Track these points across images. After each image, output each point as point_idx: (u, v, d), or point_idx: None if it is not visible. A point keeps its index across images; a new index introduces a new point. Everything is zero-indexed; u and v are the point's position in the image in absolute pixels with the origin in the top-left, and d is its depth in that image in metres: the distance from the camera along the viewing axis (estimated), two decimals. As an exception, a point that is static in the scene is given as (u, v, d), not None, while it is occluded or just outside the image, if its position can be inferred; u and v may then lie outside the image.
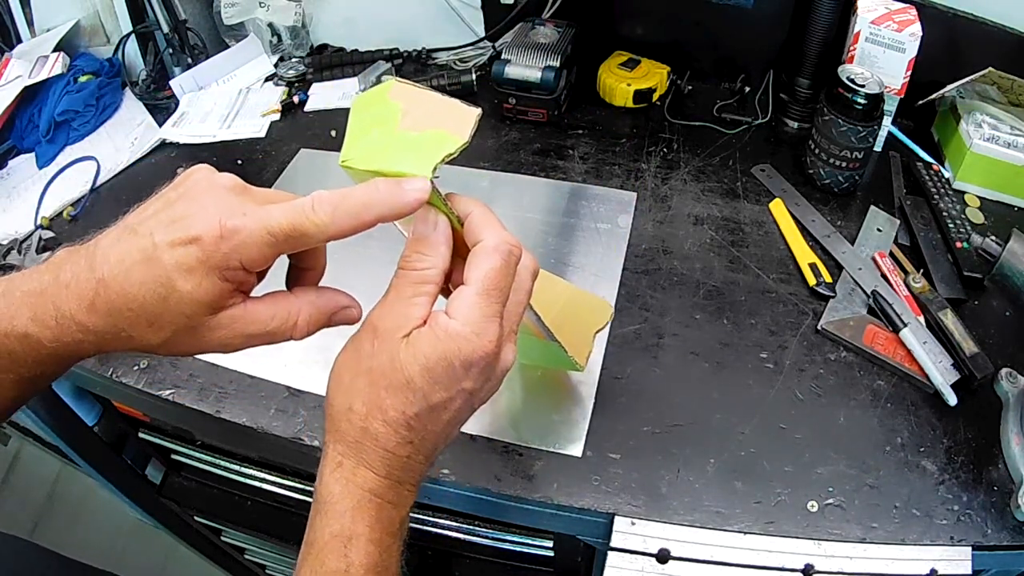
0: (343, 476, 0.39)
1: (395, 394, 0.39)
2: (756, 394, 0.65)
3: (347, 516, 0.38)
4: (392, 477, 0.40)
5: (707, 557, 0.56)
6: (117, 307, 0.37)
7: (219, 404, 0.67)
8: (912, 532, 0.56)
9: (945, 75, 0.84)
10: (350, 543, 0.38)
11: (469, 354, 0.38)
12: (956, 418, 0.63)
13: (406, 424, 0.39)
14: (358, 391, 0.39)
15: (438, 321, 0.39)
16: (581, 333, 0.63)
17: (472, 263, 0.40)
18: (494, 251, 0.39)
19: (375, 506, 0.39)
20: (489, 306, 0.39)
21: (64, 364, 0.40)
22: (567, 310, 0.63)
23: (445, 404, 0.40)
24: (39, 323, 0.38)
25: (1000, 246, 0.67)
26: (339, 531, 0.38)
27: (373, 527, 0.39)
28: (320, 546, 0.38)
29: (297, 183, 0.91)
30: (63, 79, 1.00)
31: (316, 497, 0.40)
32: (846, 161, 0.81)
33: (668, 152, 0.92)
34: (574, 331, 0.60)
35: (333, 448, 0.40)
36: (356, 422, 0.39)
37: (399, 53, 1.09)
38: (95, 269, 0.38)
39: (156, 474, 1.06)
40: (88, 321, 0.37)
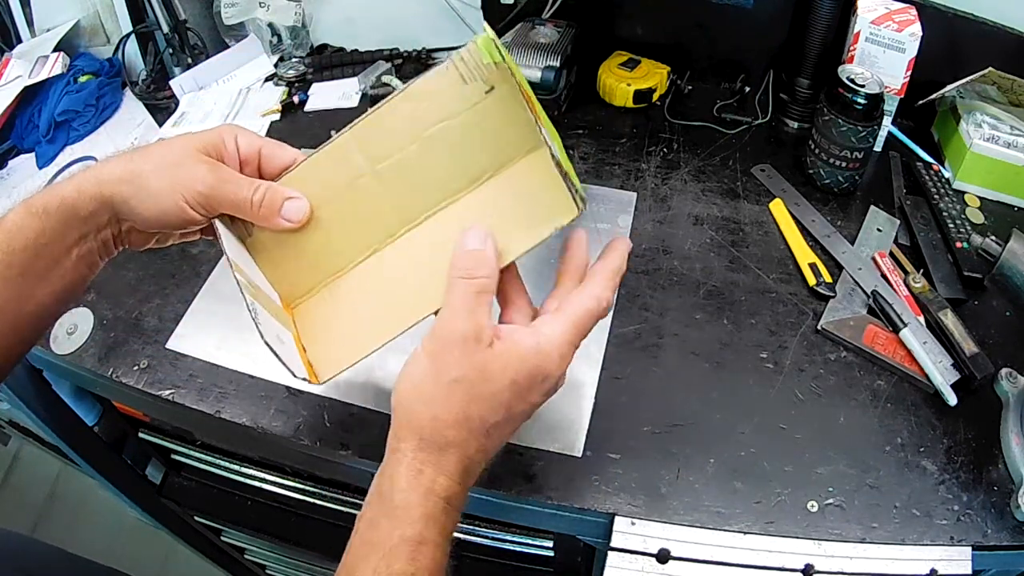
0: (423, 484, 0.41)
1: (482, 404, 0.42)
2: (756, 394, 0.65)
3: (420, 523, 0.40)
4: (464, 484, 0.43)
5: (707, 557, 0.56)
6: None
7: (219, 404, 0.67)
8: (912, 532, 0.56)
9: (945, 75, 0.84)
10: (419, 548, 0.39)
11: (550, 372, 0.43)
12: (956, 418, 0.63)
13: (486, 432, 0.43)
14: (443, 400, 0.41)
15: (532, 338, 0.43)
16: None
17: (575, 297, 0.46)
18: (598, 299, 0.46)
19: (446, 513, 0.41)
20: (576, 336, 0.45)
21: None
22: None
23: (519, 415, 0.44)
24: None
25: (1000, 246, 0.67)
26: (411, 536, 0.40)
27: (441, 532, 0.41)
28: (388, 548, 0.39)
29: (297, 183, 0.91)
30: (63, 79, 1.00)
31: (384, 498, 0.41)
32: (846, 161, 0.81)
33: (668, 152, 0.92)
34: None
35: (414, 456, 0.41)
36: (441, 430, 0.41)
37: (399, 53, 1.09)
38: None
39: (156, 474, 1.06)
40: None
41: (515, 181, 0.50)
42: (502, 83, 0.49)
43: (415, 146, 0.51)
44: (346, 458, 0.63)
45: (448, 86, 0.49)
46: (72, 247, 0.47)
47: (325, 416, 0.66)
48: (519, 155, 0.50)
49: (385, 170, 0.51)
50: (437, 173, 0.51)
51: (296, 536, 0.99)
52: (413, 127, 0.50)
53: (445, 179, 0.51)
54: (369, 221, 0.52)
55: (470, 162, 0.50)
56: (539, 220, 0.48)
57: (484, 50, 0.48)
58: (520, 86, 0.48)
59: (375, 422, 0.65)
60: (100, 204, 0.47)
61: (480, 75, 0.49)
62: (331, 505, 0.88)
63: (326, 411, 0.66)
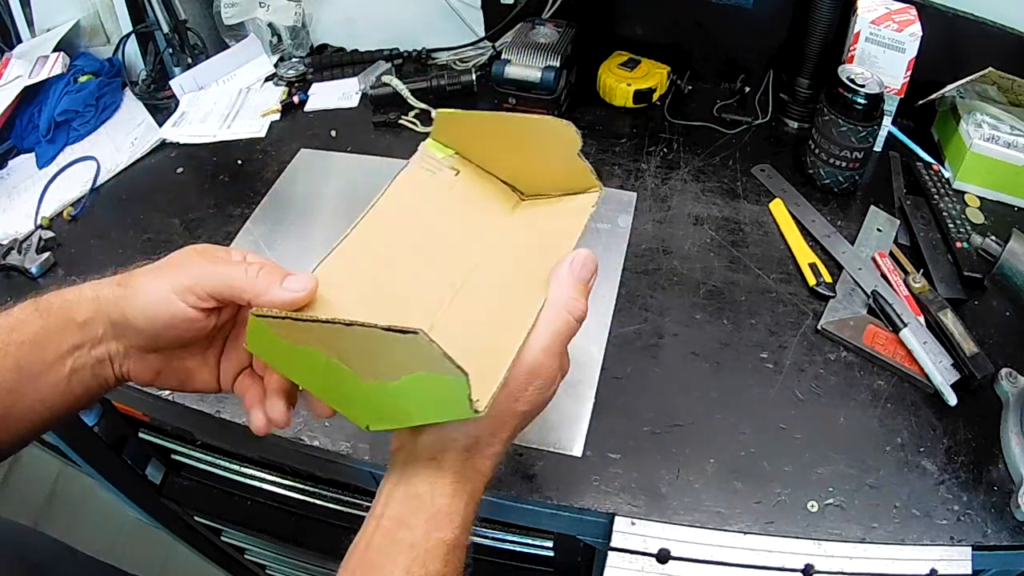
0: (467, 492, 0.43)
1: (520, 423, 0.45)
2: (756, 394, 0.65)
3: (459, 528, 0.42)
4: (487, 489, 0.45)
5: (707, 557, 0.56)
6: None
7: (219, 404, 0.67)
8: (912, 532, 0.56)
9: (945, 75, 0.84)
10: (454, 551, 0.41)
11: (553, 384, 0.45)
12: (956, 418, 0.63)
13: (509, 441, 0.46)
14: (501, 423, 0.44)
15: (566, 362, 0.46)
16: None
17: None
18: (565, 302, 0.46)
19: (474, 517, 0.44)
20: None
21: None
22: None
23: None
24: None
25: (1000, 246, 0.67)
26: (450, 540, 0.41)
27: (469, 535, 0.43)
28: (424, 549, 0.40)
29: (297, 183, 0.91)
30: (63, 79, 1.00)
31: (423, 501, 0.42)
32: (846, 161, 0.81)
33: (668, 152, 0.92)
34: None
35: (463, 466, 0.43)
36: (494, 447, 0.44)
37: (399, 53, 1.09)
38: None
39: (156, 474, 1.06)
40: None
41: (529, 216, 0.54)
42: (464, 166, 0.55)
43: (423, 224, 0.53)
44: (346, 458, 0.63)
45: (421, 180, 0.54)
46: (66, 356, 0.44)
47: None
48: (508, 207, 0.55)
49: (409, 250, 0.51)
50: (456, 240, 0.53)
51: (296, 536, 0.99)
52: (411, 213, 0.52)
53: (468, 242, 0.53)
54: (423, 286, 0.50)
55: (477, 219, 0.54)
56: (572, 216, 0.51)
57: (434, 151, 0.55)
58: (481, 152, 0.54)
59: (375, 422, 0.65)
60: (95, 311, 0.44)
61: (444, 164, 0.55)
62: (331, 505, 0.88)
63: (326, 411, 0.66)
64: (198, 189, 0.91)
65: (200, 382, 0.49)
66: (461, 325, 0.47)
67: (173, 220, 0.87)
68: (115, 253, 0.84)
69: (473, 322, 0.47)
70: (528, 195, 0.55)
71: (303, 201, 0.89)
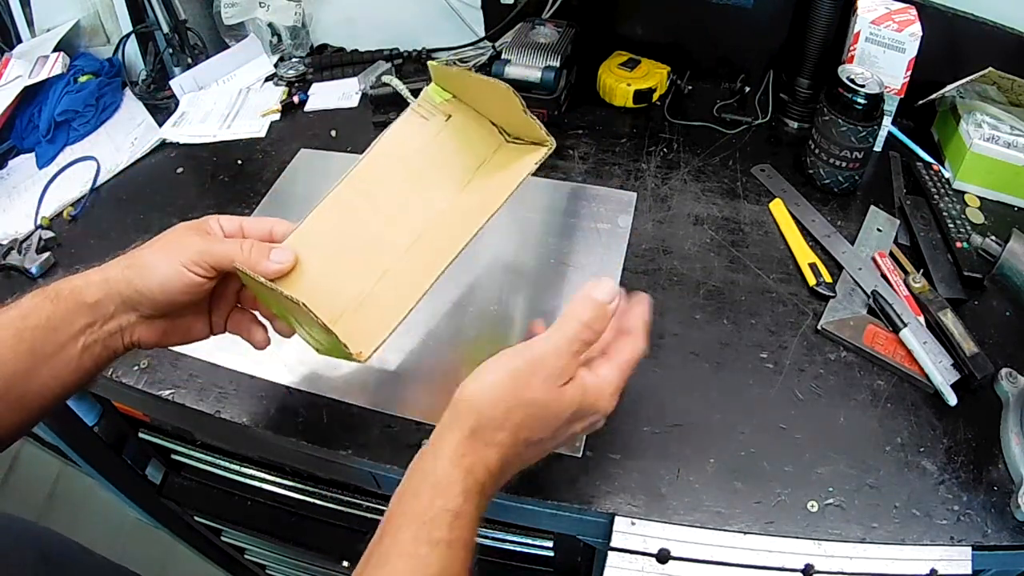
0: (464, 466, 0.45)
1: (536, 424, 0.47)
2: (756, 394, 0.65)
3: (460, 497, 0.44)
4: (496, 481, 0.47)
5: (707, 557, 0.56)
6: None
7: (219, 404, 0.67)
8: (912, 532, 0.56)
9: (945, 75, 0.84)
10: (457, 519, 0.43)
11: (600, 408, 0.49)
12: (956, 418, 0.63)
13: (529, 444, 0.48)
14: (506, 409, 0.46)
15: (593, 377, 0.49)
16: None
17: (625, 342, 0.51)
18: (642, 349, 0.51)
19: (480, 495, 0.45)
20: (623, 379, 0.50)
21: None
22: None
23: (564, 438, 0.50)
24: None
25: (1000, 246, 0.67)
26: (452, 508, 0.43)
27: (475, 510, 0.45)
28: (429, 517, 0.43)
29: (297, 183, 0.91)
30: (63, 79, 1.00)
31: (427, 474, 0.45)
32: (846, 161, 0.81)
33: (668, 152, 0.92)
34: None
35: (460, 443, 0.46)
36: (494, 431, 0.46)
37: (399, 53, 1.09)
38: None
39: (156, 474, 1.06)
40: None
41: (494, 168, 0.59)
42: (457, 111, 0.62)
43: (404, 177, 0.60)
44: (346, 458, 0.63)
45: (415, 127, 0.61)
46: (79, 334, 0.50)
47: (325, 416, 0.66)
48: (489, 154, 0.60)
49: (384, 204, 0.59)
50: (428, 193, 0.59)
51: (296, 536, 0.99)
52: (398, 164, 0.60)
53: (436, 195, 0.59)
54: (379, 248, 0.58)
55: (452, 174, 0.60)
56: (519, 169, 0.57)
57: (434, 94, 0.62)
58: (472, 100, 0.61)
59: (375, 422, 0.65)
60: (105, 292, 0.51)
61: (438, 110, 0.62)
62: (331, 505, 0.88)
63: (326, 411, 0.66)
64: (198, 189, 0.91)
65: (196, 332, 0.57)
66: (399, 277, 0.57)
67: (173, 220, 0.85)
68: (115, 253, 0.83)
69: (408, 273, 0.57)
70: (511, 137, 0.60)
71: (303, 201, 0.88)
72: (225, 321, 0.58)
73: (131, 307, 0.52)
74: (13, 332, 0.48)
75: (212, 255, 0.52)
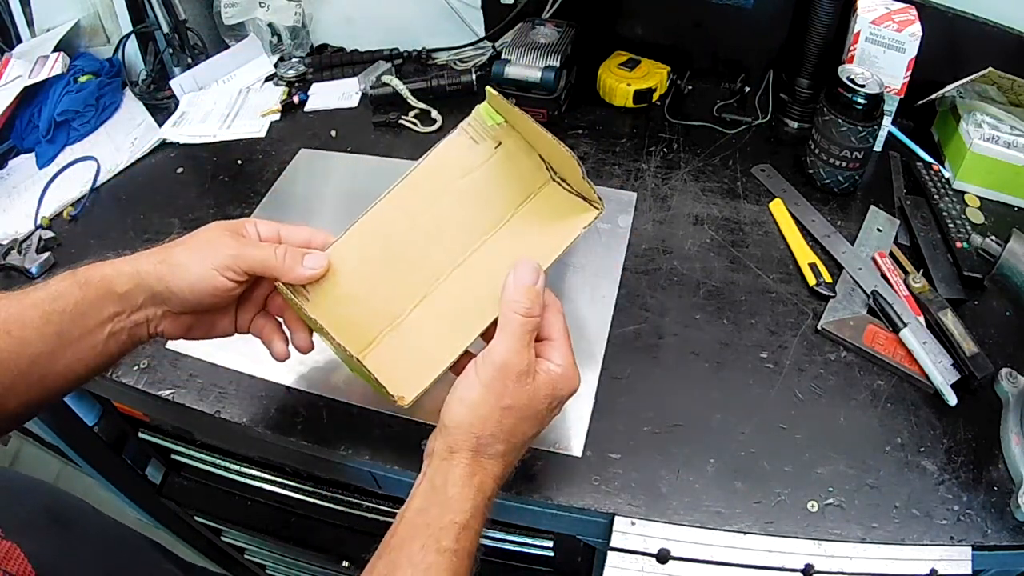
0: (475, 484, 0.48)
1: (528, 424, 0.50)
2: (756, 394, 0.65)
3: (469, 512, 0.47)
4: (501, 484, 0.50)
5: (707, 557, 0.56)
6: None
7: (219, 404, 0.67)
8: (912, 532, 0.56)
9: (945, 75, 0.84)
10: (464, 532, 0.46)
11: (572, 389, 0.52)
12: (956, 418, 0.63)
13: (525, 444, 0.52)
14: (496, 421, 0.49)
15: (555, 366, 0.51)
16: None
17: (554, 317, 0.52)
18: (559, 310, 0.53)
19: (486, 509, 0.49)
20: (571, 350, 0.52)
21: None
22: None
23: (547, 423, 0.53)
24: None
25: (1000, 246, 0.67)
26: (460, 521, 0.46)
27: (481, 524, 0.48)
28: (437, 528, 0.46)
29: (297, 183, 0.91)
30: (63, 79, 1.00)
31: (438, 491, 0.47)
32: (846, 161, 0.81)
33: (668, 152, 0.92)
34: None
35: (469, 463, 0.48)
36: (493, 444, 0.49)
37: (399, 53, 1.09)
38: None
39: (156, 474, 1.06)
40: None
41: (538, 208, 0.59)
42: (507, 138, 0.59)
43: (447, 200, 0.58)
44: (346, 458, 0.63)
45: (463, 149, 0.59)
46: (106, 322, 0.51)
47: (325, 416, 0.66)
48: (535, 189, 0.60)
49: (425, 224, 0.58)
50: (470, 219, 0.59)
51: (296, 536, 0.99)
52: (442, 185, 0.58)
53: (478, 223, 0.59)
54: (418, 270, 0.58)
55: (496, 204, 0.59)
56: (567, 228, 0.57)
57: (486, 115, 0.59)
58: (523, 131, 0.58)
59: (375, 422, 0.65)
60: (135, 284, 0.52)
61: (488, 135, 0.59)
62: (331, 505, 0.88)
63: (326, 411, 0.66)
64: (198, 189, 0.91)
65: (220, 329, 0.58)
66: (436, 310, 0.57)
67: (173, 220, 0.87)
68: (115, 253, 0.82)
69: (447, 310, 0.57)
70: (558, 176, 0.59)
71: (303, 201, 0.89)
72: (250, 322, 0.59)
73: (160, 301, 0.53)
74: (40, 313, 0.49)
75: (245, 260, 0.52)
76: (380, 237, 0.57)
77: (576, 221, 0.56)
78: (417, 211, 0.58)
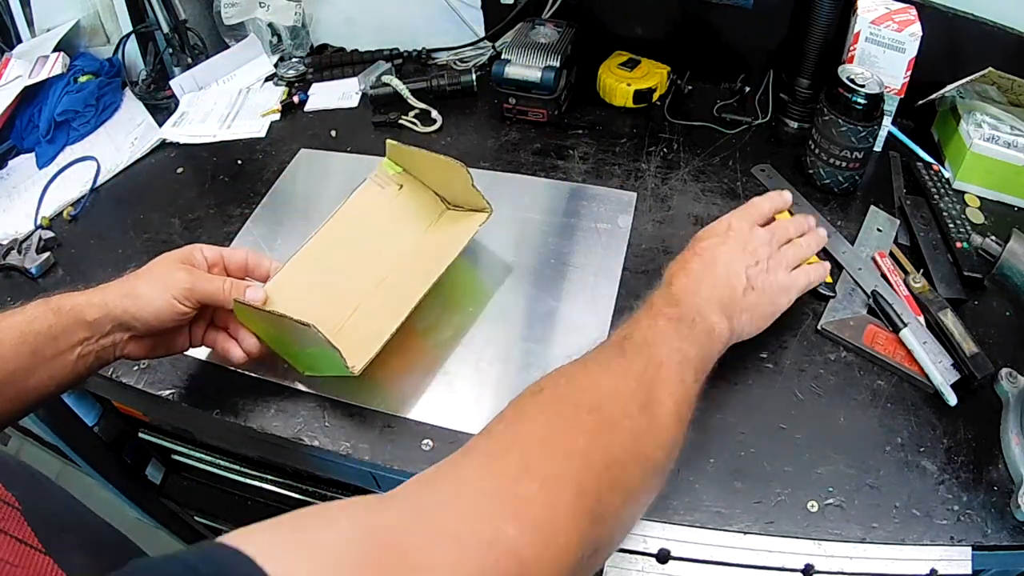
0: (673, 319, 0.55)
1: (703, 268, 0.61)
2: (756, 394, 0.65)
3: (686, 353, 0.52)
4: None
5: (707, 557, 0.56)
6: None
7: (219, 404, 0.67)
8: (912, 532, 0.56)
9: (945, 75, 0.84)
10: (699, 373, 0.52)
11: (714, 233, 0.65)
12: (956, 418, 0.63)
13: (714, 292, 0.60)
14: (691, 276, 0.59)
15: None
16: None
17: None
18: None
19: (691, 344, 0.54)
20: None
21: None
22: None
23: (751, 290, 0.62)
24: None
25: (1000, 246, 0.67)
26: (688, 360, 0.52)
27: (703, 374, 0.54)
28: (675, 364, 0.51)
29: (297, 183, 0.91)
30: (63, 79, 1.00)
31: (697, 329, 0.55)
32: (846, 161, 0.81)
33: (668, 152, 0.92)
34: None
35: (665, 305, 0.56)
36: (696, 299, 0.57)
37: (399, 53, 1.09)
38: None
39: (156, 474, 1.06)
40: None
41: (440, 229, 0.75)
42: (407, 181, 0.78)
43: (365, 234, 0.73)
44: (346, 458, 0.63)
45: (373, 194, 0.76)
46: (76, 345, 0.57)
47: (325, 416, 0.66)
48: (435, 218, 0.77)
49: (349, 254, 0.72)
50: (386, 246, 0.73)
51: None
52: (360, 223, 0.73)
53: (392, 248, 0.74)
54: (348, 288, 0.70)
55: (405, 232, 0.75)
56: (464, 233, 0.71)
57: (387, 167, 0.77)
58: (419, 171, 0.77)
59: (375, 422, 0.65)
60: (104, 315, 0.58)
61: (391, 181, 0.77)
62: (331, 505, 0.88)
63: (326, 411, 0.66)
64: (198, 189, 0.91)
65: (178, 346, 0.65)
66: (371, 311, 0.69)
67: (173, 220, 0.87)
68: (115, 253, 0.84)
69: (380, 307, 0.69)
70: (452, 205, 0.77)
71: (303, 201, 0.89)
72: (203, 336, 0.66)
73: (125, 328, 0.59)
74: (18, 334, 0.54)
75: (197, 292, 0.60)
76: (312, 269, 0.69)
77: (471, 226, 0.71)
78: (342, 245, 0.72)
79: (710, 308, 0.57)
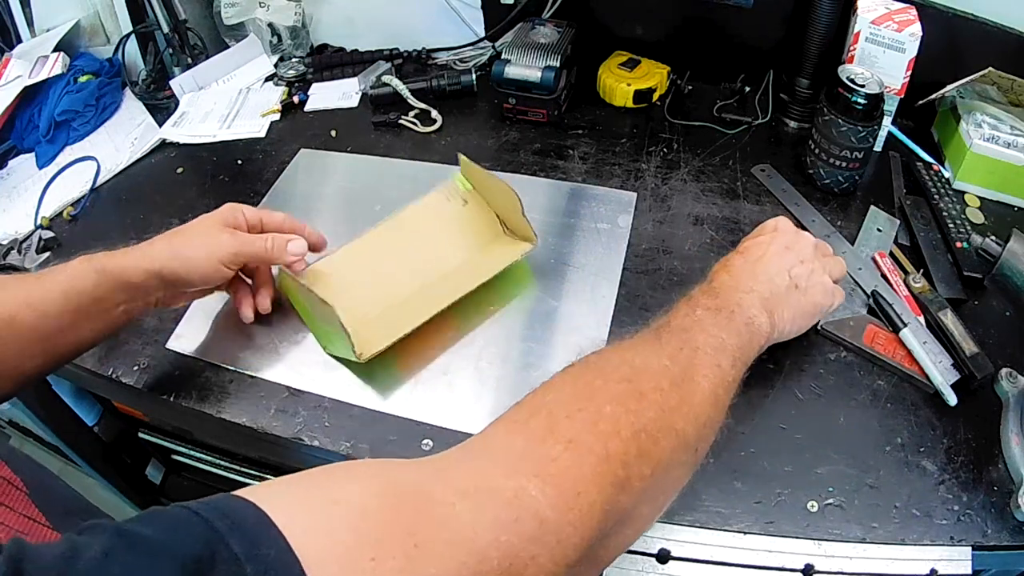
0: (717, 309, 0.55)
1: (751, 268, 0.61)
2: (756, 394, 0.65)
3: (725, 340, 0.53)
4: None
5: (707, 557, 0.56)
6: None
7: (219, 404, 0.67)
8: (912, 532, 0.56)
9: (945, 75, 0.84)
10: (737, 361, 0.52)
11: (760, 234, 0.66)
12: (956, 418, 0.63)
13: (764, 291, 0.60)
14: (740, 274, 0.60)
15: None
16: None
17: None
18: None
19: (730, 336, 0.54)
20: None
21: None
22: None
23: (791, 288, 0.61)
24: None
25: (1000, 246, 0.67)
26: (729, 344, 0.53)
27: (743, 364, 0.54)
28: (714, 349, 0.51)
29: (297, 183, 0.91)
30: (63, 79, 1.00)
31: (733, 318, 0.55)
32: (846, 161, 0.81)
33: (668, 152, 0.92)
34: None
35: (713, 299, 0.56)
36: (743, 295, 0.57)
37: (399, 53, 1.09)
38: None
39: (156, 474, 1.06)
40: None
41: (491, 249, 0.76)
42: (472, 199, 0.78)
43: (421, 239, 0.76)
44: (346, 458, 0.63)
45: (438, 204, 0.78)
46: (120, 304, 0.60)
47: (325, 416, 0.66)
48: (491, 238, 0.77)
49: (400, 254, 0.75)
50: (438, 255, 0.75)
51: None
52: (420, 228, 0.76)
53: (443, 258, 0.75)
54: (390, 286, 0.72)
55: (459, 246, 0.76)
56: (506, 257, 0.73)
57: (458, 183, 0.79)
58: (485, 190, 0.77)
59: (375, 422, 0.65)
60: (151, 277, 0.60)
61: (458, 195, 0.78)
62: (331, 505, 0.88)
63: (326, 411, 0.66)
64: (198, 189, 0.91)
65: (206, 293, 0.69)
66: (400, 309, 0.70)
67: (173, 220, 0.87)
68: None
69: (408, 308, 0.70)
70: (509, 231, 0.77)
71: (303, 201, 0.89)
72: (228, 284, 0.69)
73: (170, 287, 0.63)
74: (61, 292, 0.56)
75: (244, 255, 0.64)
76: (364, 258, 0.74)
77: (512, 253, 0.73)
78: (395, 245, 0.75)
79: (750, 301, 0.56)
